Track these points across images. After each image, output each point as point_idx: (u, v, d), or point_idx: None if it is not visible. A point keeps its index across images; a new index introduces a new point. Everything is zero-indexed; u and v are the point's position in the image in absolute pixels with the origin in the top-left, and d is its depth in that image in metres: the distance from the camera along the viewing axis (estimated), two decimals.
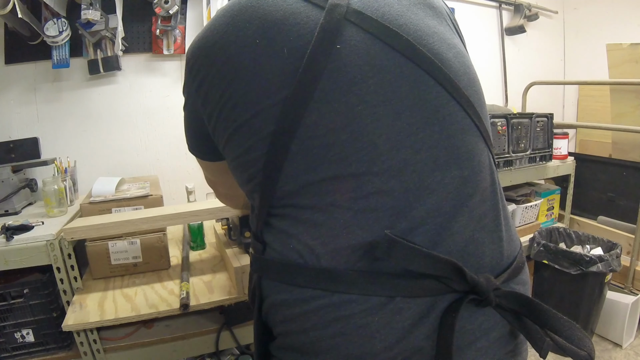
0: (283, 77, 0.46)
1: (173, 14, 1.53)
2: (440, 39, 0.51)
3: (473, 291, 0.44)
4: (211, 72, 0.51)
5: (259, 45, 0.47)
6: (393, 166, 0.45)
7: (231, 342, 1.15)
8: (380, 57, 0.47)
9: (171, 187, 1.69)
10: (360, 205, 0.45)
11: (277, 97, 0.46)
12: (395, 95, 0.46)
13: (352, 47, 0.46)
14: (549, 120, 1.84)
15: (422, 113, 0.47)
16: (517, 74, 2.47)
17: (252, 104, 0.48)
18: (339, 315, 0.44)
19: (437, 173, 0.46)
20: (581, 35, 2.58)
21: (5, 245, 1.04)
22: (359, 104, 0.45)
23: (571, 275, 1.56)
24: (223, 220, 1.25)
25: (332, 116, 0.45)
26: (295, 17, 0.48)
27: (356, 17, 0.48)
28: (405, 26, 0.49)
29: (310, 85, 0.45)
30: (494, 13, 2.40)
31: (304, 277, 0.46)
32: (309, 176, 0.46)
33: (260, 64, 0.47)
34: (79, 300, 1.06)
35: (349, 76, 0.46)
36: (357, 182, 0.45)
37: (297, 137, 0.46)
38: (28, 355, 1.12)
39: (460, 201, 0.47)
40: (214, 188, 0.83)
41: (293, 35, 0.47)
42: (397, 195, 0.45)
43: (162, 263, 1.23)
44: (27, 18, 1.32)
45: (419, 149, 0.46)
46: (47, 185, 1.21)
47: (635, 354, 1.69)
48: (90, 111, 1.61)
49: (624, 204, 1.99)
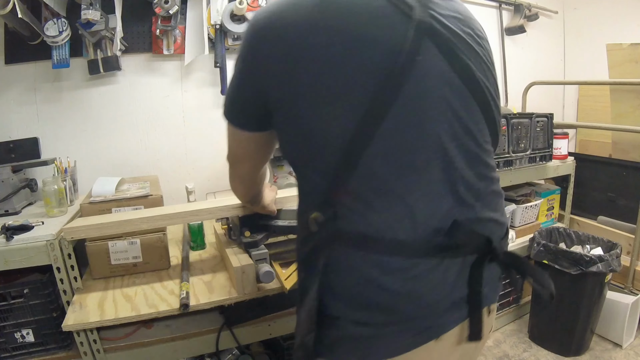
0: (370, 72, 0.54)
1: (173, 14, 1.53)
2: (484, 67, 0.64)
3: (490, 252, 0.62)
4: (294, 45, 0.55)
5: (351, 39, 0.54)
6: (443, 163, 0.58)
7: (231, 342, 1.15)
8: (445, 74, 0.58)
9: (171, 187, 1.69)
10: (423, 190, 0.57)
11: (365, 90, 0.54)
12: (453, 108, 0.59)
13: (428, 60, 0.56)
14: (549, 120, 1.84)
15: (467, 125, 0.60)
16: (517, 74, 2.47)
17: (339, 89, 0.55)
18: (412, 273, 0.57)
19: (470, 171, 0.61)
20: (581, 35, 2.58)
21: (5, 245, 1.04)
22: (430, 110, 0.57)
23: (571, 275, 1.56)
24: (223, 220, 1.25)
25: (411, 115, 0.56)
26: (385, 19, 0.55)
27: (433, 35, 0.57)
28: (463, 51, 0.60)
29: (395, 90, 0.54)
30: (494, 13, 2.40)
31: (382, 246, 0.57)
32: (389, 161, 0.56)
33: (349, 54, 0.54)
34: (79, 300, 1.06)
35: (425, 86, 0.57)
36: (422, 171, 0.57)
37: (383, 126, 0.54)
38: (28, 355, 1.12)
39: (483, 192, 0.63)
40: (235, 166, 0.81)
41: (383, 38, 0.54)
42: (446, 185, 0.59)
43: (162, 263, 1.23)
44: (27, 18, 1.32)
45: (459, 152, 0.60)
46: (47, 185, 1.21)
47: (635, 354, 1.69)
48: (90, 111, 1.61)
49: (624, 204, 1.99)
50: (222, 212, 1.13)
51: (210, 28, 1.64)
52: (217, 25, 1.62)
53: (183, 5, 1.59)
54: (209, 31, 1.63)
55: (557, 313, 1.69)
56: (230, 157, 0.79)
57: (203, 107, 1.75)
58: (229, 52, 1.72)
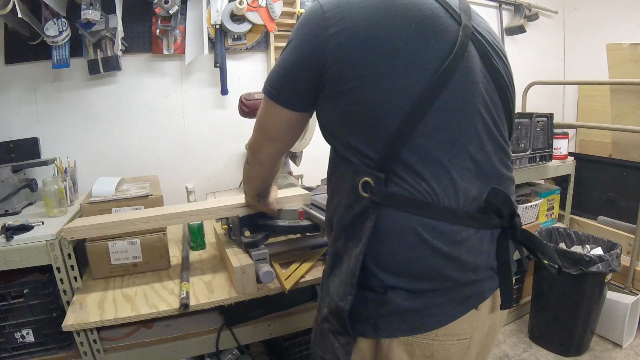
0: (428, 60, 0.62)
1: (173, 14, 1.53)
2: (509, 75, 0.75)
3: (511, 227, 0.69)
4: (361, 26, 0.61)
5: (413, 29, 0.62)
6: (479, 145, 0.66)
7: (231, 342, 1.15)
8: (482, 72, 0.68)
9: (171, 187, 1.69)
10: (465, 165, 0.65)
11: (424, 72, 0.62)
12: (486, 100, 0.68)
13: (471, 58, 0.66)
14: (549, 120, 1.84)
15: (496, 119, 0.69)
16: (517, 74, 2.41)
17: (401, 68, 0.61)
18: (458, 238, 0.64)
19: (495, 156, 0.69)
20: (581, 35, 2.58)
21: (5, 245, 1.04)
22: (473, 97, 0.66)
23: (571, 275, 1.56)
24: (223, 220, 1.25)
25: (458, 99, 0.64)
26: (441, 19, 0.64)
27: (474, 39, 0.67)
28: (493, 57, 0.70)
29: (447, 76, 0.62)
30: (494, 13, 2.40)
31: (432, 212, 0.63)
32: (437, 135, 0.63)
33: (410, 42, 0.62)
34: (79, 300, 1.06)
35: (472, 77, 0.65)
36: (463, 149, 0.65)
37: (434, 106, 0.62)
38: (28, 355, 1.12)
39: (503, 176, 0.72)
40: (262, 148, 0.81)
41: (440, 34, 0.63)
42: (480, 165, 0.67)
43: (162, 263, 1.23)
44: (27, 18, 1.32)
45: (490, 140, 0.68)
46: (47, 185, 1.21)
47: (635, 354, 1.69)
48: (90, 111, 1.61)
49: (624, 204, 1.99)
50: (222, 212, 1.13)
51: (210, 28, 1.64)
52: (217, 25, 1.62)
53: (183, 5, 1.59)
54: (209, 31, 1.63)
55: (557, 313, 1.69)
56: (256, 141, 0.80)
57: (203, 107, 1.75)
58: (229, 52, 1.72)
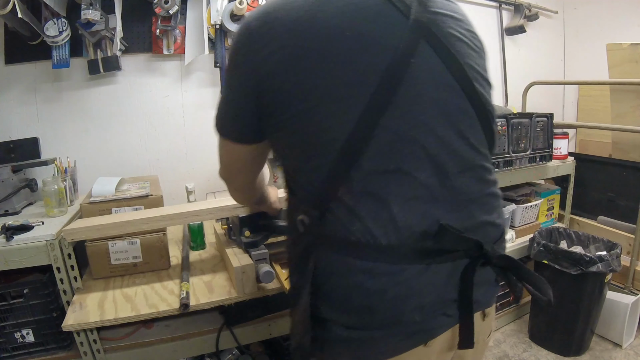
0: (367, 75, 0.53)
1: (173, 14, 1.53)
2: (479, 70, 0.63)
3: (482, 257, 0.60)
4: (290, 44, 0.54)
5: (349, 38, 0.53)
6: (434, 168, 0.57)
7: (231, 342, 1.15)
8: (439, 77, 0.58)
9: (171, 187, 1.69)
10: (411, 195, 0.56)
11: (361, 92, 0.53)
12: (446, 112, 0.58)
13: (422, 63, 0.56)
14: (549, 120, 1.84)
15: (459, 129, 0.59)
16: (517, 74, 2.47)
17: (335, 90, 0.54)
18: (396, 280, 0.56)
19: (463, 176, 0.59)
20: (581, 35, 2.58)
21: (5, 245, 1.04)
22: (422, 115, 0.56)
23: (571, 275, 1.56)
24: (223, 220, 1.25)
25: (402, 120, 0.55)
26: (383, 19, 0.55)
27: (430, 36, 0.56)
28: (460, 53, 0.59)
29: (390, 91, 0.54)
30: (494, 13, 2.40)
31: (366, 253, 0.56)
32: (377, 166, 0.55)
33: (346, 55, 0.53)
34: (79, 300, 1.06)
35: (418, 90, 0.56)
36: (410, 177, 0.56)
37: (375, 132, 0.54)
38: (28, 355, 1.12)
39: (478, 195, 0.62)
40: (232, 179, 0.80)
41: (379, 38, 0.54)
42: (435, 191, 0.57)
43: (162, 263, 1.23)
44: (27, 18, 1.32)
45: (452, 158, 0.58)
46: (47, 185, 1.21)
47: (635, 354, 1.69)
48: (90, 111, 1.61)
49: (624, 204, 1.99)
50: (222, 212, 1.13)
51: (210, 28, 1.63)
52: (217, 25, 1.62)
53: (183, 5, 1.59)
54: (209, 31, 1.63)
55: (557, 313, 1.69)
56: (224, 174, 0.79)
57: (203, 107, 1.75)
58: None
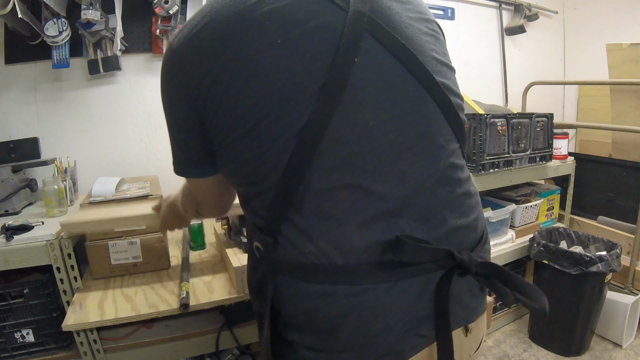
0: (306, 84, 0.48)
1: (173, 14, 1.53)
2: (436, 55, 0.56)
3: (458, 266, 0.53)
4: (217, 65, 0.48)
5: (281, 47, 0.47)
6: (394, 177, 0.51)
7: (231, 342, 1.15)
8: (390, 72, 0.51)
9: (171, 187, 1.67)
10: (368, 210, 0.50)
11: (301, 104, 0.48)
12: (401, 112, 0.52)
13: (368, 60, 0.50)
14: (549, 120, 1.84)
15: (419, 128, 0.53)
16: (517, 74, 2.47)
17: (272, 107, 0.48)
18: (358, 301, 0.51)
19: (429, 179, 0.54)
20: (581, 35, 2.58)
21: (5, 245, 1.04)
22: (372, 120, 0.50)
23: (571, 275, 1.56)
24: (223, 220, 1.25)
25: (349, 129, 0.49)
26: (317, 18, 0.48)
27: (373, 27, 0.50)
28: (411, 40, 0.53)
29: (334, 99, 0.48)
30: (494, 13, 2.40)
31: (323, 276, 0.51)
32: (326, 183, 0.50)
33: (280, 67, 0.48)
34: (79, 300, 1.06)
35: (365, 92, 0.49)
36: (365, 190, 0.50)
37: (320, 146, 0.48)
38: (28, 355, 1.12)
39: (449, 197, 0.56)
40: (201, 209, 0.78)
41: (316, 41, 0.48)
42: (397, 201, 0.51)
43: (162, 263, 1.23)
44: (27, 18, 1.32)
45: (414, 161, 0.53)
46: (47, 185, 1.21)
47: (635, 354, 1.69)
48: (90, 111, 1.60)
49: (624, 204, 1.99)
50: None
51: None
52: None
53: (183, 5, 1.59)
54: None
55: (557, 313, 1.69)
56: (191, 206, 0.79)
57: None
58: None
